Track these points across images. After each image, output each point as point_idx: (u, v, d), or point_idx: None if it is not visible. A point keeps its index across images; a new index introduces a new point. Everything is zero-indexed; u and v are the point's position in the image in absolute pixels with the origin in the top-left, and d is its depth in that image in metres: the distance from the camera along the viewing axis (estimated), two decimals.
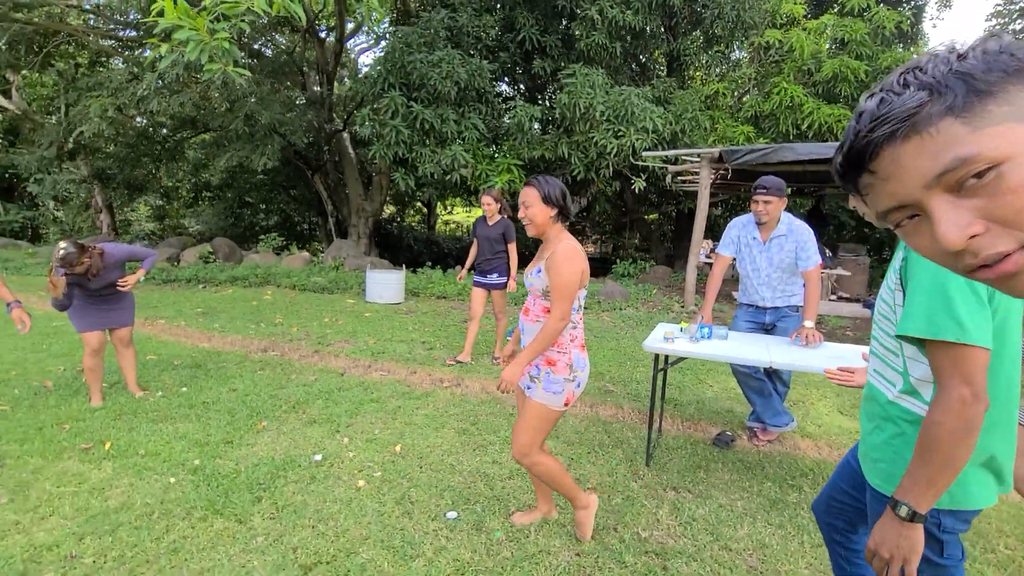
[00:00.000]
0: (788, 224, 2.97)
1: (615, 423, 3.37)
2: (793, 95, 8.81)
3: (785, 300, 3.07)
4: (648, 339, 2.69)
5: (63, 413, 3.32)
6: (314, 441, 3.01)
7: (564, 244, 1.90)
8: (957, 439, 1.00)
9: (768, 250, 3.01)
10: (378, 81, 8.39)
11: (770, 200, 2.91)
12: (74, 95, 9.96)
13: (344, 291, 8.13)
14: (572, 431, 3.21)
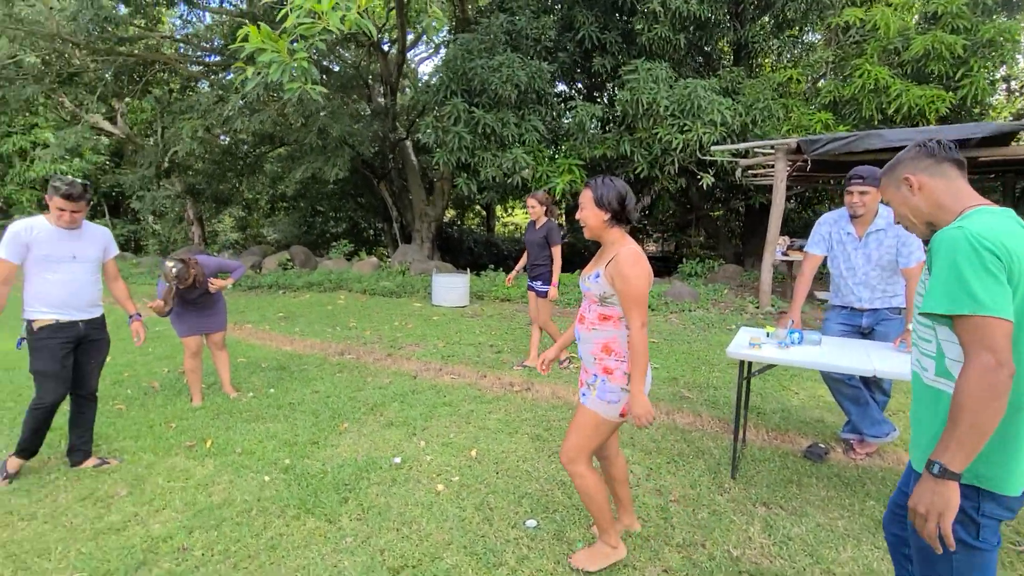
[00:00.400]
0: (888, 217, 2.72)
1: (694, 431, 3.23)
2: (878, 77, 8.14)
3: (885, 301, 2.82)
4: (732, 345, 2.55)
5: (169, 412, 3.62)
6: (393, 443, 3.10)
7: (626, 249, 1.83)
8: (983, 403, 1.06)
9: (865, 246, 2.78)
10: (440, 89, 8.57)
11: (867, 191, 2.67)
12: (169, 118, 10.91)
13: (411, 295, 8.37)
14: (649, 439, 3.12)
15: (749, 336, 2.66)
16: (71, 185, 2.58)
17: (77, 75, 11.11)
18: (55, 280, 2.62)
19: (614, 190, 1.88)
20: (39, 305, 2.62)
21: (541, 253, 4.31)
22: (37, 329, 2.62)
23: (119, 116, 15.09)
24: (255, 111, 9.02)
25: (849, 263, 2.84)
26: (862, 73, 8.29)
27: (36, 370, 2.65)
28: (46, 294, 2.61)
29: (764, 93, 8.41)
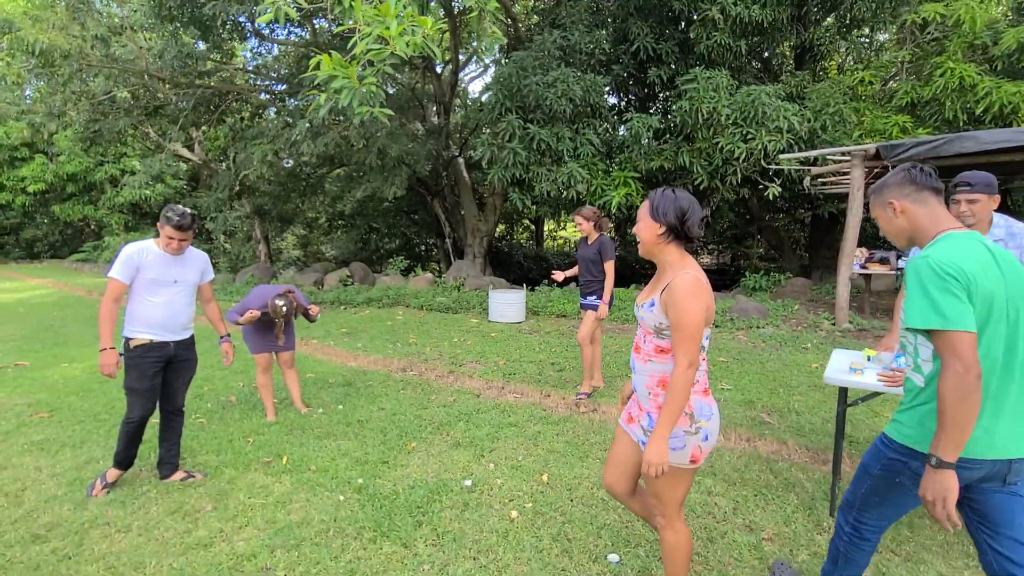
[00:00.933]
0: (1007, 227, 2.40)
1: (779, 461, 3.01)
2: (963, 75, 7.56)
3: None
4: (829, 369, 2.36)
5: (246, 427, 3.75)
6: (462, 465, 3.06)
7: (683, 275, 1.60)
8: (957, 402, 1.31)
9: None
10: (495, 107, 8.67)
11: (976, 199, 2.36)
12: (240, 144, 11.61)
13: (467, 311, 8.42)
14: (731, 468, 2.93)
15: (848, 360, 2.45)
16: (182, 216, 2.73)
17: (161, 107, 12.05)
18: (156, 302, 2.78)
19: (673, 201, 1.66)
20: (138, 325, 2.77)
21: (595, 269, 4.16)
22: (133, 347, 2.76)
23: (196, 144, 16.25)
24: (319, 135, 9.44)
25: None
26: (944, 71, 7.73)
27: (128, 386, 2.79)
28: (147, 315, 2.77)
29: (834, 97, 7.98)
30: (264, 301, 3.71)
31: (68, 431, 3.75)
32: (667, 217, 1.66)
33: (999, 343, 1.40)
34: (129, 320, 2.79)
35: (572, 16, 9.60)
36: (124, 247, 2.78)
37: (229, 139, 14.85)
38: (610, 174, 8.79)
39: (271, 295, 3.72)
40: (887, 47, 10.28)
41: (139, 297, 2.76)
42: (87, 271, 18.28)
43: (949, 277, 1.35)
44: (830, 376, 2.29)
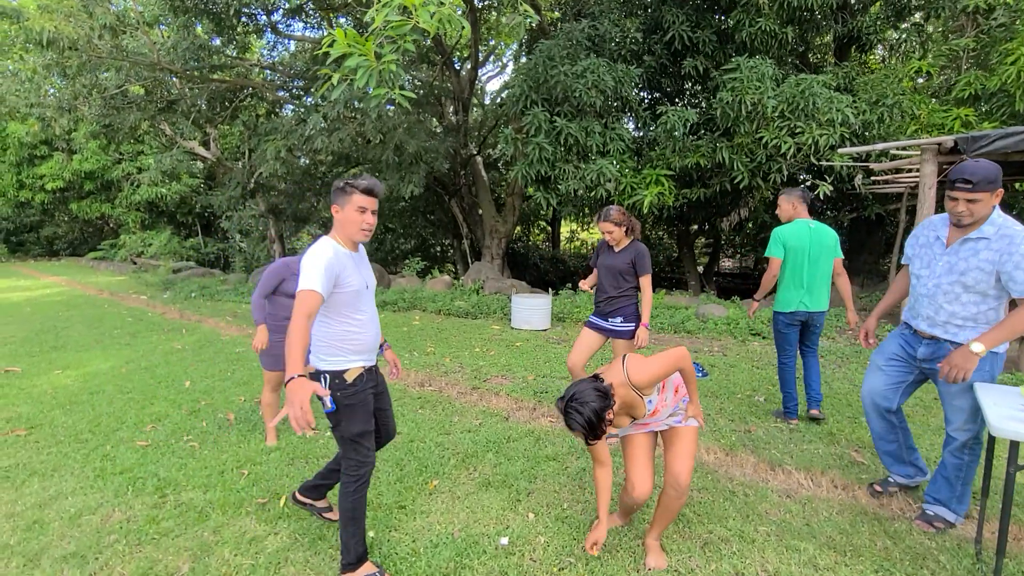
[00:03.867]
0: (1001, 225, 2.09)
1: (893, 520, 2.41)
2: None
3: (950, 332, 2.20)
4: (994, 416, 1.77)
5: (242, 453, 3.25)
6: (494, 514, 2.52)
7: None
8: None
9: (954, 254, 2.17)
10: (520, 99, 8.14)
11: (977, 198, 2.05)
12: (255, 141, 11.25)
13: (487, 316, 7.89)
14: (834, 528, 2.34)
15: (1007, 399, 1.86)
16: (368, 178, 2.03)
17: (175, 103, 11.75)
18: (364, 320, 2.04)
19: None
20: (348, 352, 2.02)
21: (623, 283, 3.28)
22: (353, 381, 2.03)
23: (212, 141, 16.00)
24: (334, 130, 9.00)
25: (926, 267, 2.27)
26: (1016, 59, 7.00)
27: (355, 434, 2.03)
28: (358, 337, 2.03)
29: (892, 87, 7.29)
30: (280, 276, 3.19)
31: (42, 455, 3.29)
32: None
33: None
34: (333, 348, 2.01)
35: (601, 4, 9.04)
36: (311, 252, 1.95)
37: (244, 136, 14.55)
38: (641, 172, 8.20)
39: (288, 273, 3.20)
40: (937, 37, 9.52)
41: (343, 316, 2.00)
42: (103, 269, 18.17)
43: None
44: (1000, 427, 1.70)
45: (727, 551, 2.20)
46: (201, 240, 20.14)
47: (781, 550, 2.20)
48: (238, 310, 8.91)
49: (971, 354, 2.06)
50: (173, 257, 17.84)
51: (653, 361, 1.93)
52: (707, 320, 6.68)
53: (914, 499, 2.58)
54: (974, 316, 2.18)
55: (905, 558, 2.13)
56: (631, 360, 1.96)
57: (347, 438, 2.03)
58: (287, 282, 3.20)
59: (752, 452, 3.10)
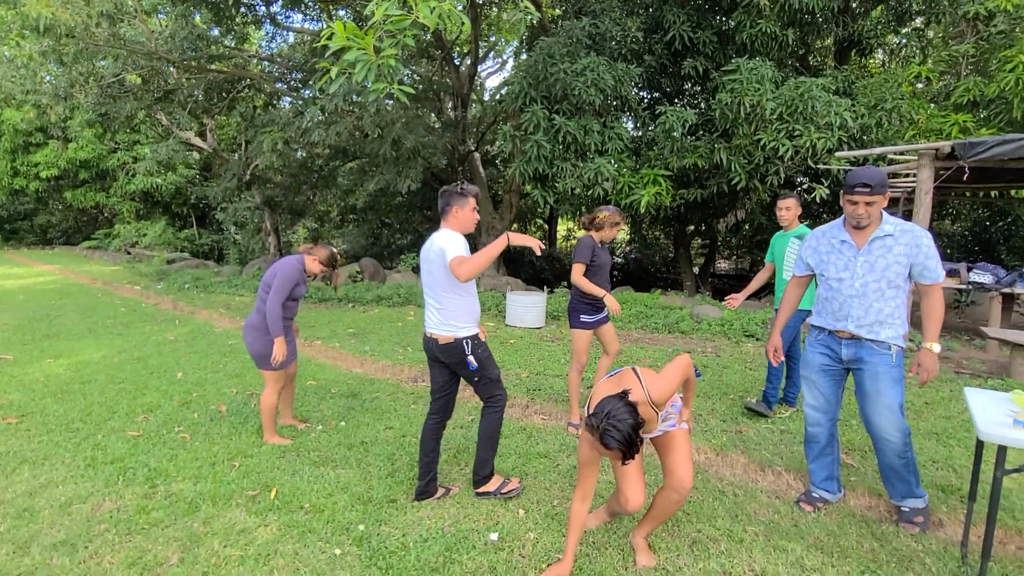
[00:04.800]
0: (895, 223, 2.25)
1: (881, 522, 2.43)
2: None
3: (872, 331, 2.31)
4: (982, 421, 1.78)
5: (233, 446, 3.25)
6: (484, 510, 2.53)
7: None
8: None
9: (868, 253, 2.27)
10: (519, 96, 8.12)
11: (874, 201, 2.19)
12: (252, 132, 11.18)
13: (482, 313, 7.88)
14: (822, 530, 2.36)
15: (997, 405, 1.88)
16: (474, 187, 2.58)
17: (172, 93, 11.67)
18: (474, 294, 2.65)
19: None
20: (474, 319, 2.61)
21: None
22: (483, 340, 2.66)
23: (208, 132, 15.91)
24: (332, 123, 8.96)
25: (845, 270, 2.32)
26: (1015, 66, 7.04)
27: (496, 375, 2.64)
28: (476, 307, 2.64)
29: (891, 91, 7.32)
30: (295, 281, 3.18)
31: (33, 443, 3.28)
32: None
33: None
34: (468, 317, 2.57)
35: (602, 2, 9.02)
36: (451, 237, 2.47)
37: (241, 127, 14.47)
38: (638, 172, 8.20)
39: (296, 266, 3.21)
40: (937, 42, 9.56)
41: (469, 292, 2.58)
42: (97, 259, 18.05)
43: None
44: (988, 432, 1.71)
45: (715, 550, 2.21)
46: (196, 231, 20.03)
47: (769, 550, 2.22)
48: (231, 302, 8.87)
49: (934, 354, 2.23)
50: (167, 248, 17.75)
51: (667, 376, 1.95)
52: (701, 321, 6.70)
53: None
54: (892, 311, 2.29)
55: (891, 560, 2.15)
56: (648, 377, 1.94)
57: (492, 380, 2.63)
58: (299, 286, 3.23)
59: (743, 453, 3.12)
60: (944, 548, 2.22)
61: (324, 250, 3.31)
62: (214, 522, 2.43)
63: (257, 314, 3.20)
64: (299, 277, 3.20)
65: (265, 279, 3.20)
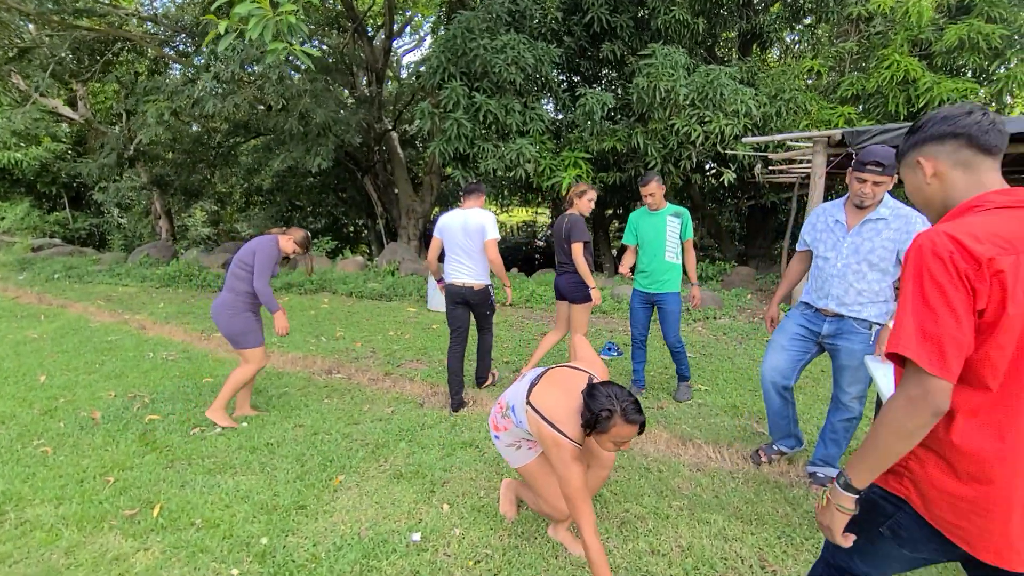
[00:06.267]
0: (894, 207, 2.25)
1: (793, 487, 2.55)
2: (907, 68, 7.63)
3: (853, 310, 2.35)
4: (887, 388, 1.87)
5: (108, 457, 2.80)
6: (406, 507, 2.35)
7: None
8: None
9: (857, 235, 2.31)
10: (437, 71, 7.78)
11: (883, 181, 2.18)
12: (132, 100, 9.86)
13: (403, 298, 7.57)
14: (741, 499, 2.42)
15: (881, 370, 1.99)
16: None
17: (28, 51, 9.99)
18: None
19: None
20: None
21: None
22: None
23: (80, 100, 13.90)
24: (230, 93, 8.09)
25: (832, 250, 2.39)
26: (890, 64, 7.78)
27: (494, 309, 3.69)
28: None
29: (789, 83, 7.83)
30: (276, 259, 3.16)
31: None
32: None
33: None
34: (487, 273, 3.53)
35: None
36: (491, 217, 3.49)
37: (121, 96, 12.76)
38: (559, 154, 8.20)
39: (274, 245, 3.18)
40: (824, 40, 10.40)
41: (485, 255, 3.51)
42: None
43: None
44: None
45: (643, 529, 2.20)
46: (69, 214, 17.59)
47: (693, 524, 2.24)
48: (113, 293, 7.84)
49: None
50: (33, 233, 15.45)
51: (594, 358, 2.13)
52: (621, 301, 6.86)
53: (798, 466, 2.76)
54: (875, 293, 2.33)
55: (803, 522, 2.25)
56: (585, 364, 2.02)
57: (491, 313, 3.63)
58: (275, 266, 3.19)
59: (665, 428, 3.17)
60: None
61: (299, 231, 3.33)
62: (79, 551, 2.05)
63: (231, 293, 3.12)
64: (277, 256, 3.18)
65: (241, 257, 3.14)
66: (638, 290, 3.60)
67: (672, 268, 3.52)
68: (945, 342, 0.94)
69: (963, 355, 0.95)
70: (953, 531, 1.05)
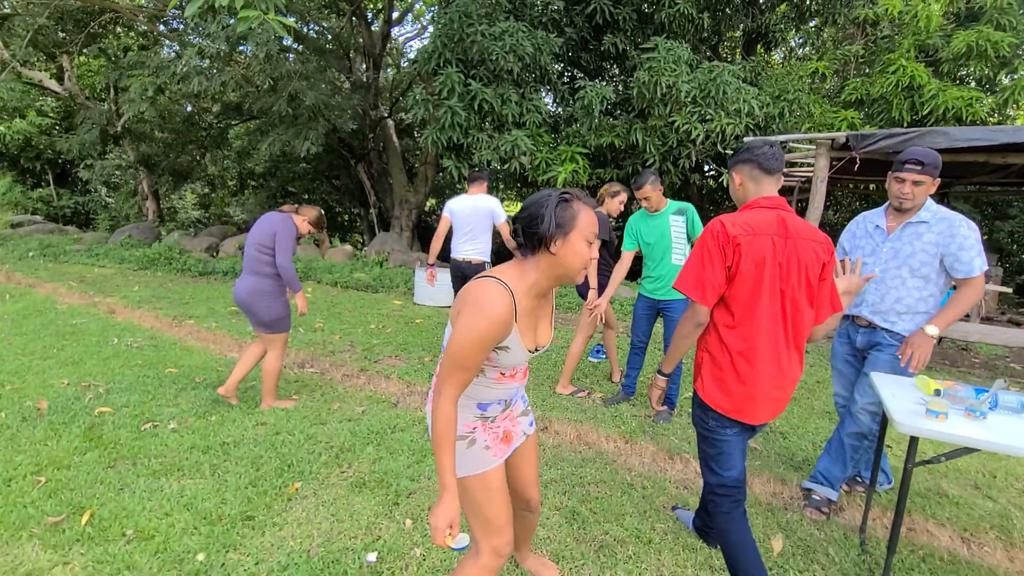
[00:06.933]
0: (936, 211, 2.12)
1: (786, 510, 2.36)
2: (913, 74, 7.46)
3: (887, 320, 2.20)
4: (897, 411, 1.67)
5: (46, 454, 2.57)
6: (365, 522, 2.14)
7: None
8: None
9: (897, 239, 2.18)
10: (432, 57, 7.51)
11: (923, 180, 2.07)
12: (115, 75, 9.52)
13: (390, 290, 7.34)
14: None
15: (909, 393, 1.79)
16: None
17: (7, 19, 9.62)
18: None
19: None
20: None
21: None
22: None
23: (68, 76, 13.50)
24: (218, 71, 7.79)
25: (870, 255, 2.26)
26: (896, 68, 7.61)
27: None
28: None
29: (793, 83, 7.63)
30: (295, 237, 3.09)
31: None
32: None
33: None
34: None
35: None
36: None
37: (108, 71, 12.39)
38: (556, 148, 7.98)
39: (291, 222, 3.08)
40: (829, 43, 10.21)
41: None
42: None
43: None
44: (902, 423, 1.60)
45: (622, 555, 2.00)
46: (53, 191, 17.15)
47: (678, 550, 2.04)
48: (88, 274, 7.56)
49: (928, 337, 2.09)
50: (14, 209, 15.05)
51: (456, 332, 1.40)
52: (623, 304, 6.66)
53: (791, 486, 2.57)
54: (915, 303, 2.15)
55: (797, 552, 2.06)
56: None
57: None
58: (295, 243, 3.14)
59: (652, 440, 2.98)
60: (844, 535, 2.18)
61: (312, 210, 3.24)
62: None
63: (260, 277, 3.03)
64: (296, 233, 3.10)
65: (257, 239, 3.02)
66: (643, 295, 3.33)
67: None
68: (706, 283, 1.60)
69: (717, 292, 1.61)
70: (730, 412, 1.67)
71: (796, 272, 1.57)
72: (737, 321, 1.60)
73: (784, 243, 1.59)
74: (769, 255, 1.56)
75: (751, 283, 1.57)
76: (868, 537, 2.17)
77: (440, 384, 1.24)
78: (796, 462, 2.80)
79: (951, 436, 1.56)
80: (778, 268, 1.57)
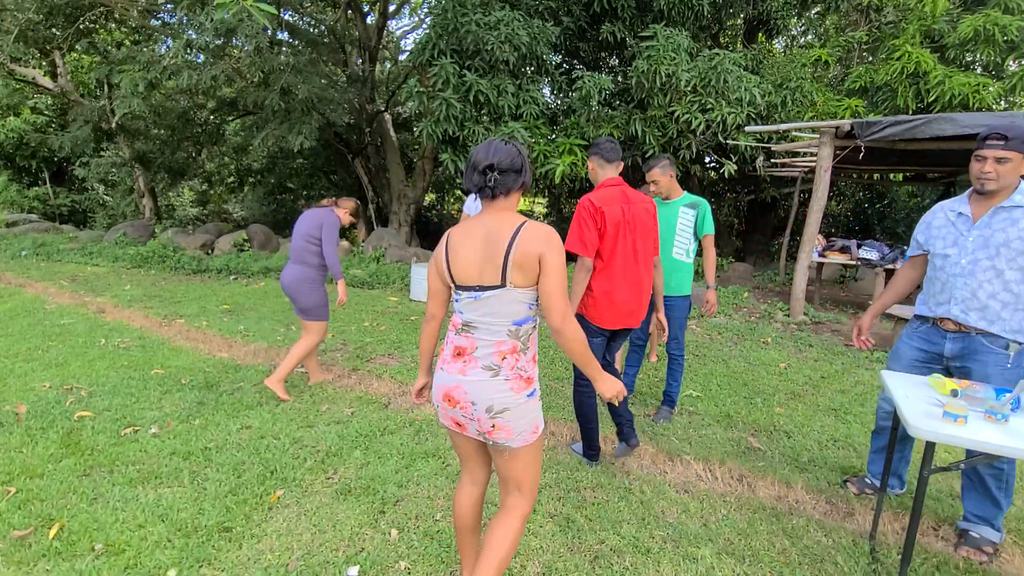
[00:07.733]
0: None
1: (792, 515, 2.25)
2: (919, 61, 7.28)
3: (987, 320, 1.89)
4: (911, 413, 1.56)
5: (20, 461, 2.47)
6: (348, 532, 2.03)
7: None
8: None
9: (987, 227, 1.91)
10: (427, 47, 7.36)
11: (1008, 157, 1.82)
12: (105, 70, 9.38)
13: (386, 286, 7.23)
14: (732, 529, 2.12)
15: (922, 393, 1.67)
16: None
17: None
18: None
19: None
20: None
21: None
22: None
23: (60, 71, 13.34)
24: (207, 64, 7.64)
25: (953, 246, 1.98)
26: (901, 55, 7.43)
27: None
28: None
29: (795, 71, 7.46)
30: (338, 224, 3.33)
31: None
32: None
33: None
34: None
35: None
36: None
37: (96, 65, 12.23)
38: (554, 140, 7.83)
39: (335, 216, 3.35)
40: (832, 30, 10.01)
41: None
42: None
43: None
44: (918, 428, 1.48)
45: (619, 566, 1.89)
46: (49, 189, 17.05)
47: (677, 560, 1.94)
48: (80, 273, 7.46)
49: None
50: (10, 208, 14.96)
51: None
52: None
53: (819, 492, 2.46)
54: (1015, 298, 1.87)
55: (804, 560, 1.95)
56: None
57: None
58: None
59: (651, 441, 2.87)
60: (853, 542, 2.07)
61: (350, 202, 3.49)
62: None
63: (305, 266, 3.25)
64: (339, 225, 3.34)
65: (304, 231, 3.25)
66: None
67: (681, 267, 3.07)
68: (587, 242, 2.28)
69: (594, 248, 2.29)
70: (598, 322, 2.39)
71: (638, 226, 2.35)
72: (604, 263, 2.32)
73: (628, 207, 2.33)
74: (620, 218, 2.30)
75: (612, 237, 2.29)
76: (878, 543, 2.06)
77: (568, 311, 1.41)
78: (801, 463, 2.69)
79: (972, 442, 1.44)
80: (626, 226, 2.31)
